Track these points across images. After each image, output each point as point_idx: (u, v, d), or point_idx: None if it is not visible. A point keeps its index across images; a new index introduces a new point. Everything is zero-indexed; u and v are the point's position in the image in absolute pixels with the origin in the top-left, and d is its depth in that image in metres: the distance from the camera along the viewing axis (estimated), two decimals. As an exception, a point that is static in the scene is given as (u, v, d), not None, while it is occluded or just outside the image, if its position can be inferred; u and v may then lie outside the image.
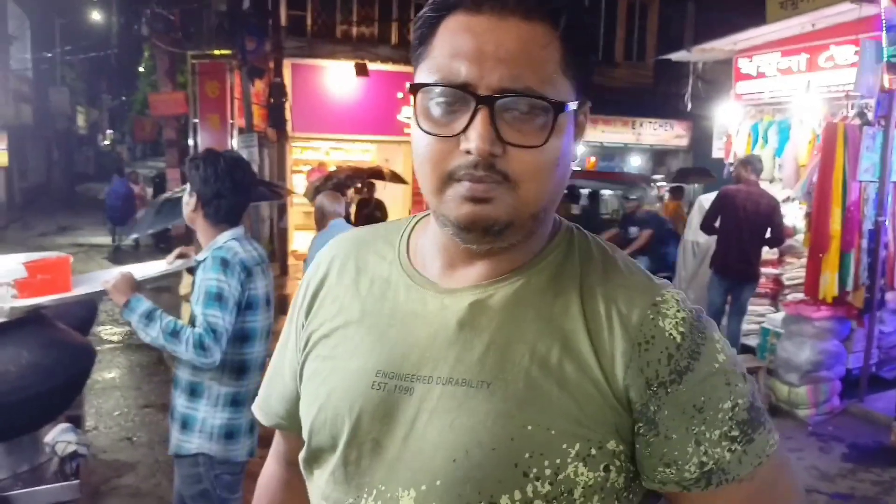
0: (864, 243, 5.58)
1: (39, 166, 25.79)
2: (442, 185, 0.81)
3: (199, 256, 2.54)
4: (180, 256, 2.83)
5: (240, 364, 2.48)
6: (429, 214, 0.97)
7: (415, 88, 0.81)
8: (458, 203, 0.80)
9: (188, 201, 2.55)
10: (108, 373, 6.45)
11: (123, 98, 39.50)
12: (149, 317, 2.34)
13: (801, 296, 6.17)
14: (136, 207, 13.46)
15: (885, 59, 5.03)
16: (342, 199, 5.29)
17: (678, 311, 0.83)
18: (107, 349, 6.93)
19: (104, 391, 5.93)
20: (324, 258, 1.03)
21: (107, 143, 43.05)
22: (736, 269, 6.08)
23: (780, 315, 6.24)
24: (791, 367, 5.66)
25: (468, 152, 0.77)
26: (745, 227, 5.95)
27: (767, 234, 6.01)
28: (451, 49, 0.79)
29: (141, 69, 24.77)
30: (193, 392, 2.47)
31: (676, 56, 7.71)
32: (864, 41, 5.36)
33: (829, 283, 5.53)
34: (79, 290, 2.48)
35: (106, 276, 2.50)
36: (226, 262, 2.42)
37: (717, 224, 6.14)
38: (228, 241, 2.50)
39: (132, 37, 22.46)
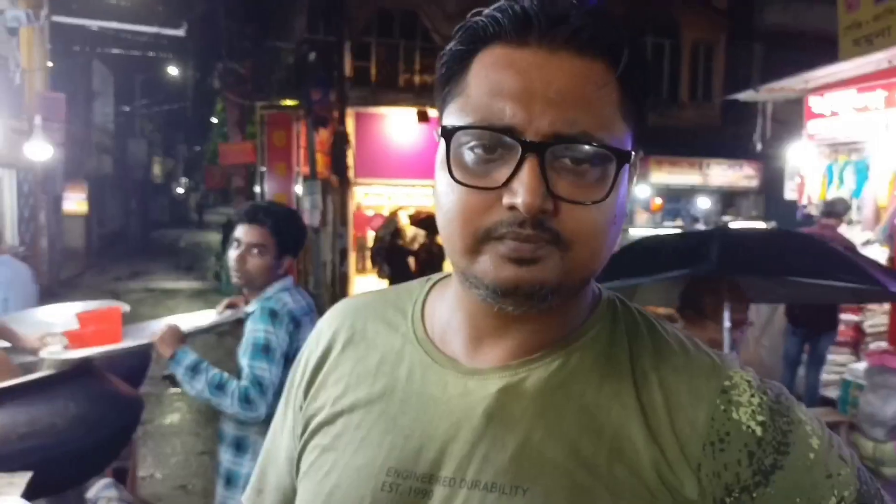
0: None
1: (117, 214, 26.93)
2: (476, 244, 0.67)
3: (249, 308, 2.50)
4: (230, 307, 2.79)
5: (285, 419, 2.41)
6: (447, 276, 0.84)
7: (450, 131, 0.68)
8: (498, 264, 0.66)
9: (272, 263, 2.45)
10: (168, 417, 6.51)
11: (197, 148, 41.29)
12: (194, 370, 2.30)
13: (884, 345, 5.77)
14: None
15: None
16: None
17: (752, 395, 0.69)
18: (167, 394, 7.00)
19: (163, 437, 5.97)
20: (325, 327, 0.88)
21: (181, 191, 44.87)
22: (812, 318, 5.75)
23: (863, 365, 5.84)
24: (876, 422, 5.26)
25: (512, 208, 0.65)
26: None
27: None
28: (491, 87, 0.66)
29: (214, 120, 25.83)
30: (239, 447, 2.41)
31: (744, 96, 7.50)
32: (946, 76, 5.08)
33: (917, 333, 5.16)
34: (127, 342, 2.46)
35: (154, 328, 2.49)
36: (274, 312, 2.38)
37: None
38: (278, 292, 2.46)
39: (206, 90, 23.46)
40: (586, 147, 0.65)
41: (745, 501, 0.67)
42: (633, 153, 0.68)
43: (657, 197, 14.68)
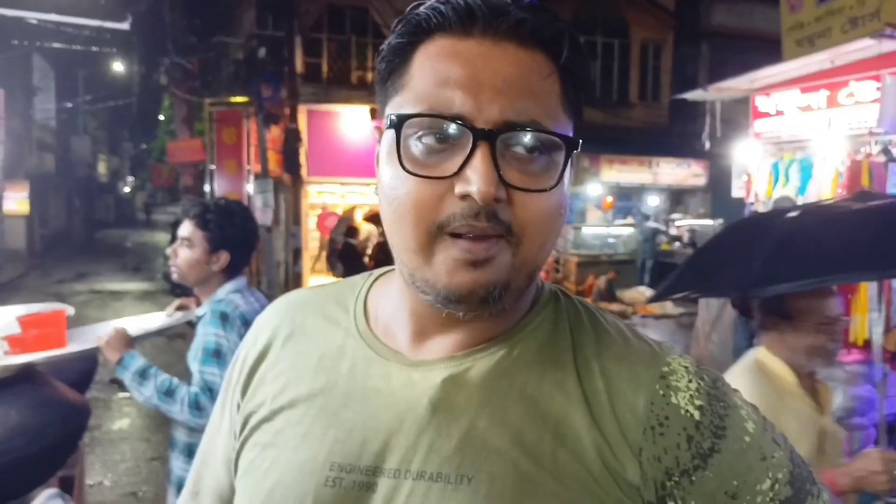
0: (895, 284, 5.37)
1: (60, 214, 26.13)
2: (429, 240, 0.67)
3: (199, 311, 2.43)
4: (180, 308, 2.71)
5: (239, 423, 2.35)
6: (390, 270, 0.83)
7: (399, 120, 0.67)
8: (451, 269, 0.66)
9: (201, 258, 2.38)
10: (116, 423, 6.33)
11: (144, 146, 40.35)
12: (143, 375, 2.23)
13: (829, 338, 5.95)
14: None
15: (909, 95, 4.89)
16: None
17: (690, 380, 0.71)
18: (116, 398, 6.81)
19: (112, 443, 5.80)
20: (264, 324, 0.87)
21: (127, 190, 43.76)
22: (761, 311, 5.88)
23: (809, 358, 6.01)
24: (823, 414, 5.42)
25: (464, 197, 0.64)
26: None
27: None
28: (437, 76, 0.66)
29: (161, 117, 25.25)
30: (191, 454, 2.33)
31: (692, 95, 7.63)
32: (885, 77, 5.23)
33: (860, 326, 5.31)
34: (73, 347, 2.37)
35: (100, 331, 2.40)
36: (225, 315, 2.31)
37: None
38: (230, 293, 2.40)
39: (152, 86, 22.88)
40: (538, 134, 0.66)
41: (684, 484, 0.68)
42: (579, 141, 0.70)
43: (608, 195, 14.88)
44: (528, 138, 0.66)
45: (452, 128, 0.65)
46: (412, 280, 0.70)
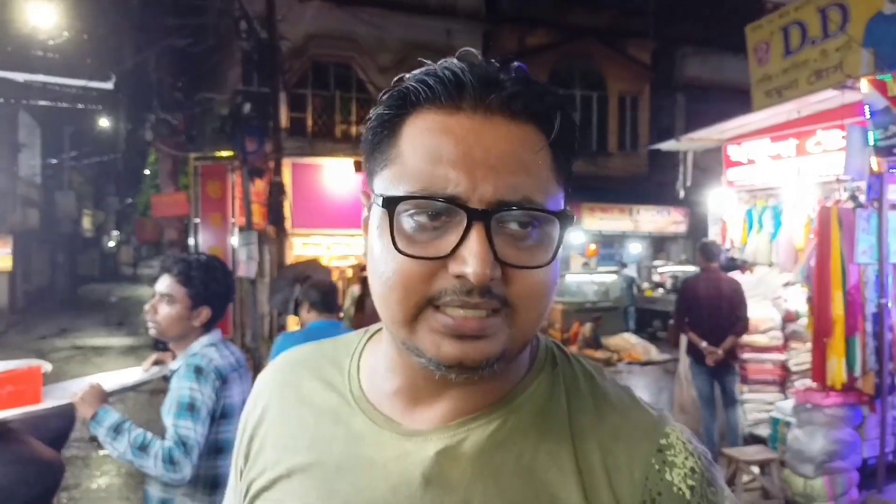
0: (869, 327, 5.45)
1: (44, 269, 25.92)
2: (417, 313, 0.66)
3: (174, 365, 2.45)
4: (156, 363, 2.73)
5: (214, 479, 2.35)
6: (381, 330, 0.82)
7: (394, 202, 0.66)
8: (438, 339, 0.66)
9: (182, 313, 2.40)
10: (95, 481, 6.22)
11: (129, 200, 40.36)
12: (117, 430, 2.23)
13: (809, 382, 5.98)
14: None
15: (871, 144, 5.05)
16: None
17: (686, 458, 0.71)
18: (97, 455, 6.71)
19: (91, 502, 5.69)
20: (261, 387, 0.87)
21: (112, 244, 43.60)
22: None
23: (790, 403, 6.04)
24: (805, 458, 5.41)
25: (459, 276, 0.64)
26: (709, 313, 5.88)
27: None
28: (429, 153, 0.65)
29: (146, 172, 25.32)
30: (165, 509, 2.33)
31: (666, 146, 7.81)
32: (849, 126, 5.40)
33: (837, 369, 5.37)
34: (47, 403, 2.38)
35: (75, 387, 2.41)
36: (200, 369, 2.32)
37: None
38: (204, 347, 2.42)
39: (138, 141, 23.05)
40: (531, 213, 0.66)
41: None
42: (573, 216, 0.70)
43: (591, 243, 15.03)
44: (522, 216, 0.66)
45: (445, 208, 0.65)
46: (403, 345, 0.70)
